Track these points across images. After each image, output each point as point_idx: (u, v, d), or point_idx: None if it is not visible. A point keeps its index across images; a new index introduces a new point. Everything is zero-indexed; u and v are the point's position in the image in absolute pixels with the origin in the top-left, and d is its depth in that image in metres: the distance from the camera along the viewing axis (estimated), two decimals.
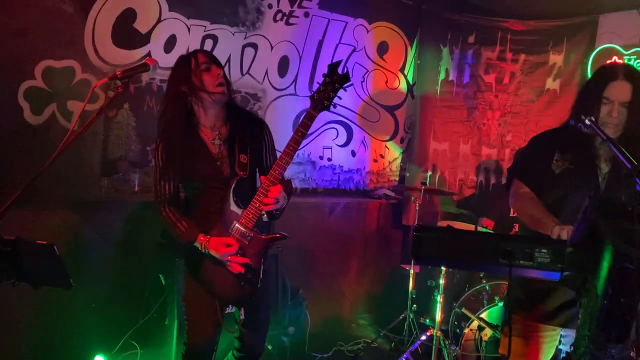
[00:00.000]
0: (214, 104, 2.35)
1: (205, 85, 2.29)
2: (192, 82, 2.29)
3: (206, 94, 2.30)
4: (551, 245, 1.64)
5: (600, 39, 4.72)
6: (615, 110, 2.02)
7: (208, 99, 2.32)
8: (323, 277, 4.67)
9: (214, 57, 2.39)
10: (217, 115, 2.40)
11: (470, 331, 3.42)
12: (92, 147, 3.43)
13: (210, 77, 2.31)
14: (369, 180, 5.05)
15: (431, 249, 1.68)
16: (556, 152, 2.15)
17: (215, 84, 2.31)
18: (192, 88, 2.30)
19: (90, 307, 3.33)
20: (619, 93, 2.02)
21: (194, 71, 2.30)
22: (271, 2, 4.15)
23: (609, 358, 1.58)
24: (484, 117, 5.03)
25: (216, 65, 2.35)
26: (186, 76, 2.31)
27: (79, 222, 3.36)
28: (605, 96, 2.04)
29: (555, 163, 2.14)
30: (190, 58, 2.34)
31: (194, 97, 2.32)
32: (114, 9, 3.41)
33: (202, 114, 2.37)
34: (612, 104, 2.03)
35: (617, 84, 2.03)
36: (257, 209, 2.27)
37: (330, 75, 2.32)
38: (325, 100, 2.30)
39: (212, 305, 2.37)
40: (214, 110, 2.37)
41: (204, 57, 2.34)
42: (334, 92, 2.31)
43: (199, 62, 2.31)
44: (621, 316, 1.52)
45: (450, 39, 5.01)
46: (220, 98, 2.34)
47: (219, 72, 2.33)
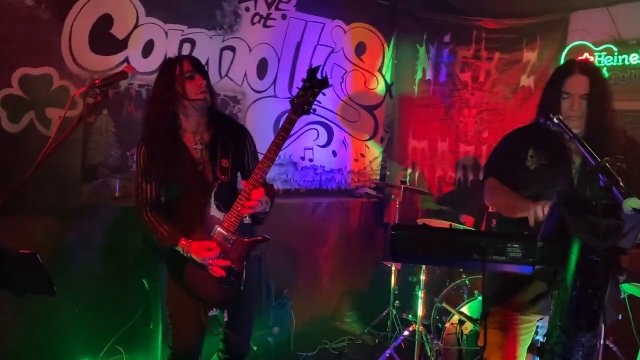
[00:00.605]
0: (195, 111, 2.38)
1: (187, 93, 2.32)
2: (175, 89, 2.32)
3: (187, 101, 2.33)
4: (522, 240, 1.70)
5: (572, 36, 4.83)
6: (576, 104, 2.10)
7: (189, 106, 2.35)
8: (307, 276, 4.72)
9: (199, 65, 2.40)
10: (200, 121, 2.42)
11: (452, 325, 3.49)
12: (71, 153, 3.42)
13: (192, 86, 2.33)
14: (351, 180, 5.10)
15: (408, 247, 1.74)
16: (530, 149, 2.21)
17: (197, 93, 2.33)
18: (174, 94, 2.32)
19: (74, 314, 3.32)
20: (577, 86, 2.11)
21: (178, 78, 2.32)
22: (248, 5, 4.17)
23: (580, 346, 1.65)
24: (461, 114, 5.12)
25: (200, 74, 2.37)
26: (170, 82, 2.33)
27: (60, 228, 3.35)
28: (565, 91, 2.13)
29: (530, 159, 2.20)
30: (176, 64, 2.35)
31: (176, 103, 2.35)
32: (90, 16, 3.41)
33: (184, 119, 2.39)
34: (572, 97, 2.11)
35: (574, 77, 2.12)
36: (239, 213, 2.29)
37: (310, 80, 2.36)
38: (305, 104, 2.34)
39: (195, 308, 2.39)
40: (196, 116, 2.40)
41: (189, 65, 2.36)
42: (314, 96, 2.36)
43: (183, 70, 2.33)
44: (589, 306, 1.59)
45: (426, 38, 5.09)
46: (202, 105, 2.37)
47: (202, 82, 2.35)
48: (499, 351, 2.21)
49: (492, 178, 2.32)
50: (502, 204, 2.24)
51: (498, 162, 2.37)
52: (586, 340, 1.64)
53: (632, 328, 3.27)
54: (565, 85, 2.13)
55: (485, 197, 2.33)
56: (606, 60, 4.60)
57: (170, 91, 2.32)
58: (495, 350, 2.21)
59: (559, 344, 1.68)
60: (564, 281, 1.63)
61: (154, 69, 3.71)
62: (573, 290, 1.60)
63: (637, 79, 4.45)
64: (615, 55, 4.55)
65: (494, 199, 2.30)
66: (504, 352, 2.20)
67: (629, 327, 3.36)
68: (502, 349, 2.21)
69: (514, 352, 2.21)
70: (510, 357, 2.21)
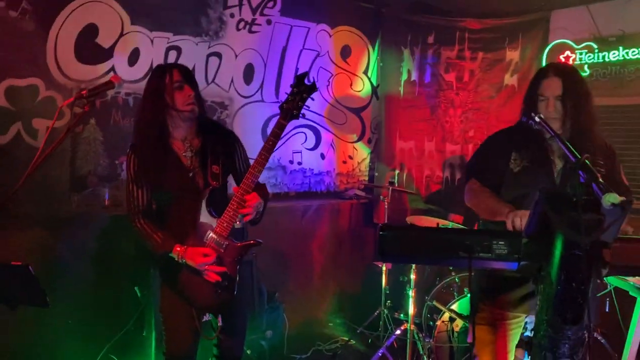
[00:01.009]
0: (182, 121, 2.40)
1: (175, 104, 2.33)
2: (164, 98, 2.33)
3: (175, 111, 2.35)
4: (508, 237, 1.74)
5: (553, 35, 4.91)
6: (551, 105, 2.17)
7: (177, 116, 2.37)
8: (299, 279, 4.74)
9: (189, 75, 2.41)
10: (189, 129, 2.44)
11: (442, 323, 3.53)
12: (60, 163, 3.42)
13: (181, 97, 2.34)
14: (339, 182, 5.14)
15: (396, 247, 1.77)
16: (513, 151, 2.26)
17: (185, 104, 2.34)
18: (163, 103, 2.33)
19: (66, 324, 3.32)
20: (551, 89, 2.18)
21: (167, 87, 2.33)
22: (233, 11, 4.20)
23: (566, 339, 1.69)
24: (447, 114, 5.18)
25: (190, 85, 2.37)
26: (159, 91, 2.34)
27: (50, 239, 3.34)
28: (540, 93, 2.20)
29: (513, 162, 2.25)
30: (166, 73, 2.35)
31: (164, 113, 2.36)
32: (75, 25, 3.42)
33: (173, 127, 2.41)
34: (547, 99, 2.19)
35: (548, 80, 2.20)
36: (232, 218, 2.31)
37: (298, 85, 2.39)
38: (294, 109, 2.38)
39: (189, 314, 2.40)
40: (183, 126, 2.42)
41: (179, 75, 2.36)
42: (302, 101, 2.39)
43: (173, 79, 2.34)
44: (574, 300, 1.63)
45: (410, 40, 5.14)
46: (189, 116, 2.38)
47: (191, 93, 2.36)
48: (489, 347, 2.25)
49: (474, 180, 2.36)
50: (482, 207, 2.28)
51: (481, 164, 2.41)
52: (572, 333, 1.69)
53: (619, 320, 3.34)
54: (541, 88, 2.21)
55: (466, 199, 2.37)
56: (587, 58, 4.68)
57: (159, 99, 2.33)
58: (485, 345, 2.25)
59: (546, 338, 1.72)
60: (548, 276, 1.67)
61: (140, 77, 3.74)
62: (558, 285, 1.64)
63: (617, 75, 4.54)
64: (596, 53, 4.63)
65: (474, 201, 2.34)
66: (494, 348, 2.24)
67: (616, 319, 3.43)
68: (492, 345, 2.24)
69: (504, 348, 2.25)
70: (500, 352, 2.25)
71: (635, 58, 4.42)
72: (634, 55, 4.42)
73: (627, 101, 4.48)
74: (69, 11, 3.38)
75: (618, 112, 4.50)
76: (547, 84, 2.20)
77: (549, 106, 2.18)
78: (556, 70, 2.22)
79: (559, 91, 2.17)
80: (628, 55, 4.45)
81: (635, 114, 4.43)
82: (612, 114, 4.49)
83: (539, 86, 2.22)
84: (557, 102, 2.18)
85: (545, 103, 2.19)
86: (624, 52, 4.47)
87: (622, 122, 4.48)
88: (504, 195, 2.24)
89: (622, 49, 4.48)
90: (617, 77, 4.53)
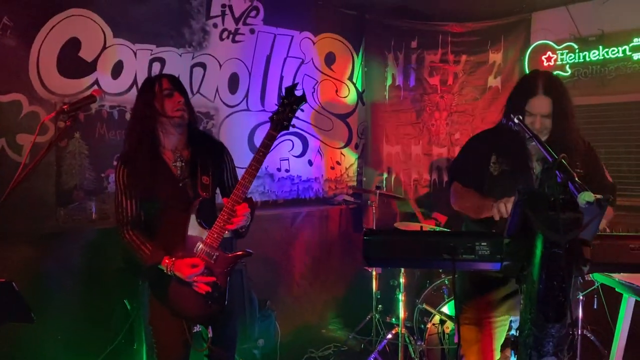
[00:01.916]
0: (174, 128, 2.41)
1: (165, 110, 2.35)
2: (154, 107, 2.35)
3: (166, 118, 2.36)
4: (490, 238, 1.76)
5: (535, 36, 4.98)
6: (538, 122, 2.18)
7: (167, 123, 2.38)
8: (290, 286, 4.74)
9: (178, 84, 2.45)
10: (179, 139, 2.45)
11: (433, 325, 3.55)
12: (45, 178, 3.41)
13: (171, 103, 2.37)
14: (328, 188, 5.16)
15: (380, 251, 1.78)
16: (493, 155, 2.28)
17: (174, 109, 2.36)
18: (154, 112, 2.35)
19: (56, 339, 3.30)
20: (539, 107, 2.18)
21: (157, 96, 2.36)
22: (216, 21, 4.22)
23: (550, 337, 1.70)
24: (432, 118, 5.22)
25: (179, 92, 2.41)
26: (149, 100, 2.36)
27: (37, 254, 3.32)
28: (527, 110, 2.20)
29: (493, 165, 2.27)
30: (155, 83, 2.39)
31: (155, 121, 2.37)
32: (57, 40, 3.42)
33: (164, 137, 2.42)
34: (534, 116, 2.19)
35: (537, 99, 2.19)
36: (222, 229, 2.31)
37: (288, 97, 2.42)
38: (284, 120, 2.40)
39: (179, 325, 2.39)
40: (175, 133, 2.43)
41: (168, 83, 2.40)
42: (292, 112, 2.41)
43: (162, 88, 2.37)
44: (555, 298, 1.65)
45: (394, 45, 5.18)
46: (179, 122, 2.40)
47: (181, 99, 2.39)
48: (475, 346, 2.27)
49: (456, 182, 2.38)
50: (468, 206, 2.30)
51: (462, 167, 2.44)
52: (556, 331, 1.70)
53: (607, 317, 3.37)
54: (528, 105, 2.19)
55: (452, 201, 2.40)
56: (568, 58, 4.75)
57: (149, 109, 2.35)
58: (471, 345, 2.27)
59: (531, 336, 1.73)
60: (530, 275, 1.69)
61: (124, 89, 3.74)
62: (539, 284, 1.65)
63: (598, 74, 4.60)
64: (577, 53, 4.70)
65: (459, 202, 2.36)
66: (480, 347, 2.26)
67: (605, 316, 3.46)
68: (478, 344, 2.26)
69: (489, 346, 2.27)
70: (486, 351, 2.26)
71: (615, 57, 4.49)
72: (614, 54, 4.49)
73: (608, 99, 4.55)
74: (51, 26, 3.38)
75: (600, 110, 4.56)
76: (535, 102, 2.19)
77: (535, 123, 2.19)
78: (546, 87, 2.20)
79: (548, 110, 2.18)
80: (608, 54, 4.52)
81: (616, 112, 4.50)
82: (594, 112, 4.56)
83: (526, 103, 2.20)
84: (544, 119, 2.19)
85: (532, 119, 2.19)
86: (604, 51, 4.55)
87: (604, 121, 4.54)
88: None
89: (602, 49, 4.55)
90: (598, 76, 4.60)
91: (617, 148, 4.46)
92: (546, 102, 2.18)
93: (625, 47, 4.42)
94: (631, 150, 4.42)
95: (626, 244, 1.74)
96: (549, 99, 2.18)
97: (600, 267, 1.90)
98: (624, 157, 4.44)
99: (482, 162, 2.29)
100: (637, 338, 3.34)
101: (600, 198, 1.50)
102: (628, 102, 4.44)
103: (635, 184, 4.38)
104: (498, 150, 2.28)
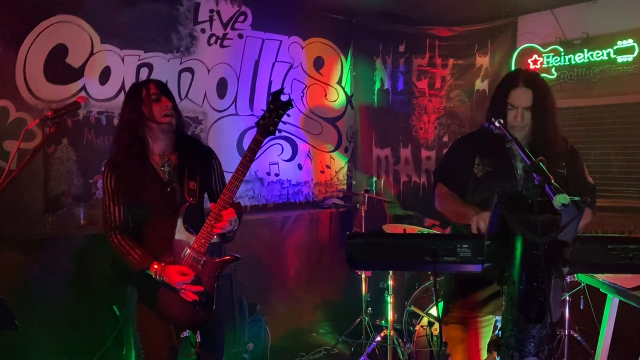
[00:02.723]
0: (162, 133, 2.41)
1: (153, 115, 2.36)
2: (142, 111, 2.35)
3: (154, 123, 2.37)
4: (471, 240, 1.78)
5: (521, 39, 5.03)
6: (519, 115, 2.20)
7: (156, 128, 2.39)
8: (280, 290, 4.75)
9: (165, 88, 2.45)
10: (167, 144, 2.45)
11: (422, 327, 3.57)
12: (33, 184, 3.41)
13: (158, 107, 2.37)
14: (318, 191, 5.17)
15: (364, 254, 1.79)
16: (477, 156, 2.30)
17: (162, 114, 2.37)
18: (141, 117, 2.36)
19: (44, 347, 3.29)
20: (521, 99, 2.20)
21: (145, 101, 2.36)
22: (204, 26, 4.23)
23: (531, 338, 1.72)
24: (421, 121, 5.26)
25: (167, 97, 2.41)
26: (137, 105, 2.36)
27: (26, 261, 3.32)
28: (510, 102, 2.21)
29: (477, 167, 2.29)
30: (142, 88, 2.39)
31: (143, 126, 2.38)
32: (44, 46, 3.42)
33: (151, 142, 2.42)
34: (516, 109, 2.21)
35: (518, 90, 2.21)
36: (209, 234, 2.32)
37: (274, 102, 2.42)
38: (270, 125, 2.40)
39: (167, 331, 2.38)
40: (163, 138, 2.43)
41: (155, 88, 2.40)
42: (279, 117, 2.42)
43: (149, 93, 2.38)
44: (536, 298, 1.68)
45: (382, 49, 5.22)
46: (167, 128, 2.40)
47: (168, 104, 2.39)
48: (461, 345, 2.28)
49: (441, 184, 2.40)
50: (449, 210, 2.31)
51: (446, 170, 2.45)
52: (536, 332, 1.72)
53: (593, 317, 3.41)
54: (510, 97, 2.21)
55: (436, 203, 2.41)
56: (554, 61, 4.80)
57: (137, 113, 2.35)
58: (457, 344, 2.29)
59: (513, 337, 1.75)
60: (511, 276, 1.71)
61: (112, 95, 3.75)
62: (520, 285, 1.68)
63: (583, 77, 4.66)
64: (562, 56, 4.75)
65: (442, 205, 2.37)
66: (465, 346, 2.28)
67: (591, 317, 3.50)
68: (464, 343, 2.28)
69: (475, 346, 2.29)
70: (472, 350, 2.28)
71: (600, 60, 4.54)
72: (598, 57, 4.54)
73: (593, 102, 4.61)
74: (38, 32, 3.39)
75: (585, 112, 4.62)
76: (517, 94, 2.21)
77: (517, 116, 2.21)
78: (526, 80, 2.23)
79: (529, 102, 2.20)
80: (593, 57, 4.58)
81: (601, 114, 4.56)
82: (579, 115, 4.61)
83: (508, 95, 2.23)
84: (525, 112, 2.21)
85: (514, 112, 2.21)
86: (588, 54, 4.60)
87: (589, 123, 4.60)
88: (469, 199, 2.28)
89: (587, 51, 4.60)
90: (583, 78, 4.65)
91: (603, 150, 4.51)
92: (527, 94, 2.19)
93: (609, 50, 4.47)
94: (617, 152, 4.47)
95: (605, 245, 1.77)
96: (530, 91, 2.19)
97: (579, 268, 1.92)
98: (609, 158, 4.49)
99: (467, 164, 2.31)
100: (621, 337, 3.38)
101: (577, 200, 1.53)
102: (613, 104, 4.50)
103: (621, 185, 4.43)
104: (482, 152, 2.29)
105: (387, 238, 1.86)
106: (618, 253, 1.76)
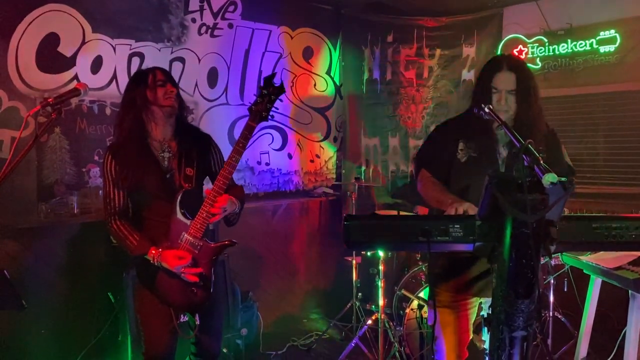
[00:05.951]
0: (164, 118, 2.44)
1: (157, 98, 2.39)
2: (146, 96, 2.39)
3: (157, 107, 2.40)
4: (463, 220, 1.86)
5: (506, 30, 5.13)
6: (503, 98, 2.25)
7: (159, 112, 2.42)
8: (272, 278, 4.81)
9: (171, 77, 2.49)
10: (167, 130, 2.48)
11: (412, 310, 3.66)
12: (26, 173, 3.42)
13: (163, 91, 2.41)
14: (308, 180, 5.24)
15: (360, 235, 1.86)
16: (460, 141, 2.34)
17: (166, 99, 2.40)
18: (145, 101, 2.39)
19: (40, 334, 3.32)
20: (504, 82, 2.25)
21: (150, 86, 2.39)
22: (194, 16, 4.25)
23: (520, 312, 1.80)
24: (408, 111, 5.34)
25: (171, 84, 2.46)
26: (141, 90, 2.39)
27: (20, 249, 3.34)
28: (494, 86, 2.26)
29: (460, 152, 2.33)
30: (149, 74, 2.43)
31: (146, 110, 2.41)
32: (36, 35, 3.42)
33: (152, 128, 2.45)
34: (500, 92, 2.25)
35: (502, 74, 2.25)
36: (205, 219, 2.36)
37: (266, 87, 2.44)
38: (263, 111, 2.43)
39: (166, 314, 2.43)
40: (164, 124, 2.46)
41: (162, 75, 2.44)
42: (271, 103, 2.45)
43: (156, 79, 2.41)
44: (524, 275, 1.76)
45: (370, 39, 5.28)
46: (170, 111, 2.43)
47: (173, 90, 2.43)
48: (450, 327, 2.36)
49: (424, 170, 2.42)
50: (429, 196, 2.35)
51: (429, 155, 2.47)
52: (525, 307, 1.80)
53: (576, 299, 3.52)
54: (494, 81, 2.26)
55: (418, 187, 2.44)
56: (538, 51, 4.90)
57: (141, 99, 2.39)
58: (445, 326, 2.36)
59: (502, 313, 1.83)
60: (501, 255, 1.79)
61: (104, 84, 3.76)
62: (509, 262, 1.76)
63: (567, 67, 4.77)
64: (546, 46, 4.85)
65: (424, 190, 2.40)
66: (454, 328, 2.36)
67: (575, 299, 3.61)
68: (452, 325, 2.35)
69: (464, 327, 2.37)
70: (461, 331, 2.37)
71: (583, 50, 4.65)
72: (582, 47, 4.65)
73: (577, 91, 4.72)
74: (29, 21, 3.38)
75: (569, 102, 4.73)
76: (500, 77, 2.25)
77: (501, 99, 2.25)
78: (510, 64, 2.27)
79: (513, 86, 2.24)
80: (576, 47, 4.69)
81: (585, 104, 4.67)
82: (563, 104, 4.72)
83: (492, 79, 2.26)
84: (509, 95, 2.25)
85: (498, 96, 2.26)
86: (572, 44, 4.71)
87: (573, 112, 4.72)
88: (453, 185, 2.32)
89: (571, 42, 4.71)
90: (567, 68, 4.76)
91: (586, 138, 4.63)
92: (511, 77, 2.23)
93: (592, 40, 4.59)
94: (599, 140, 4.60)
95: (589, 224, 1.86)
96: (513, 75, 2.24)
97: (566, 246, 2.00)
98: (592, 146, 4.62)
99: (449, 149, 2.34)
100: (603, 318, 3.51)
101: (563, 180, 1.60)
102: (595, 93, 4.61)
103: (606, 172, 4.56)
104: (465, 137, 2.33)
105: (382, 219, 1.93)
106: (602, 231, 1.84)
